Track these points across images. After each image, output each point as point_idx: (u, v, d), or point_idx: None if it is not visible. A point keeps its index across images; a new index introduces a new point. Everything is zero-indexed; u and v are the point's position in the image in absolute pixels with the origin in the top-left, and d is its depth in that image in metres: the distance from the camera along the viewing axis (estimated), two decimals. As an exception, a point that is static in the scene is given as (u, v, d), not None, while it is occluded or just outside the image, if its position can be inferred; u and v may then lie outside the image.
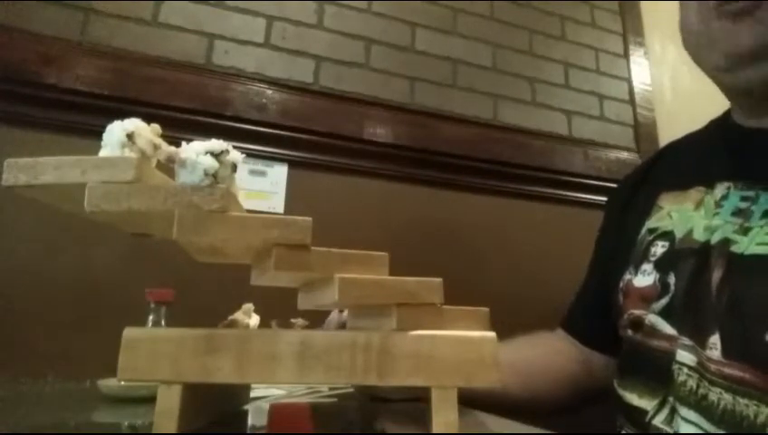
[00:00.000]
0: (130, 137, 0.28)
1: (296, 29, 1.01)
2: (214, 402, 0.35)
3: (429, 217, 1.03)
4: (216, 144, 0.29)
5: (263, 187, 0.91)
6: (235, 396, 0.42)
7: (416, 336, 0.30)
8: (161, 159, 0.30)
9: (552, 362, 0.60)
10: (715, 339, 0.39)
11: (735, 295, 0.39)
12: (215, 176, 0.29)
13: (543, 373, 0.59)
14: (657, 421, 0.43)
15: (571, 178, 1.15)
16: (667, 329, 0.45)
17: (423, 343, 0.30)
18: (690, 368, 0.41)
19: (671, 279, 0.46)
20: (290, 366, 0.29)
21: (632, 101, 1.29)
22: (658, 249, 0.48)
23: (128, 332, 0.29)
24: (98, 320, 0.72)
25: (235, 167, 0.30)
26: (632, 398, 0.47)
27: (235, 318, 0.43)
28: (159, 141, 0.29)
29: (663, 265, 0.47)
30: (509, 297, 0.91)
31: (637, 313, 0.48)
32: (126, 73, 0.84)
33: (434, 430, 0.29)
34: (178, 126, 0.83)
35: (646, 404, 0.45)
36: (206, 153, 0.29)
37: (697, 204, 0.47)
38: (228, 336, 0.29)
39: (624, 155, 1.22)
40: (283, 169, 0.93)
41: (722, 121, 0.53)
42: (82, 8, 0.86)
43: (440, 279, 0.32)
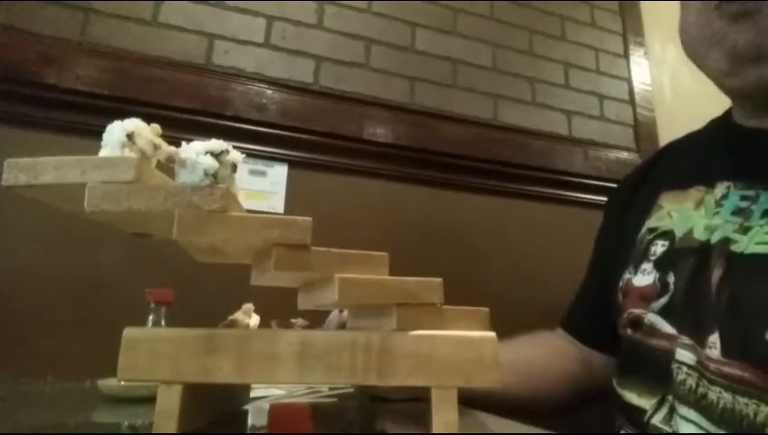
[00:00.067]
0: (130, 137, 0.28)
1: (296, 29, 1.01)
2: (214, 402, 0.35)
3: (429, 217, 1.03)
4: (216, 144, 0.29)
5: (263, 187, 0.91)
6: (235, 396, 0.42)
7: (416, 336, 0.30)
8: (161, 159, 0.30)
9: (552, 361, 0.60)
10: (714, 338, 0.39)
11: (735, 295, 0.39)
12: (215, 176, 0.29)
13: (543, 373, 0.59)
14: (656, 420, 0.43)
15: (571, 178, 1.15)
16: (667, 328, 0.45)
17: (423, 343, 0.30)
18: (690, 367, 0.41)
19: (671, 278, 0.46)
20: (290, 366, 0.29)
21: (632, 101, 1.29)
22: (658, 248, 0.48)
23: (128, 332, 0.29)
24: (98, 320, 0.72)
25: (235, 167, 0.30)
26: (631, 397, 0.47)
27: (235, 318, 0.43)
28: (159, 141, 0.29)
29: (663, 265, 0.47)
30: (509, 297, 0.91)
31: (636, 312, 0.48)
32: (126, 73, 0.84)
33: (434, 430, 0.29)
34: (178, 126, 0.83)
35: (645, 403, 0.45)
36: (206, 153, 0.29)
37: (697, 203, 0.47)
38: (228, 336, 0.29)
39: (624, 155, 1.22)
40: (283, 169, 0.93)
41: (722, 121, 0.53)
42: (82, 8, 0.86)
43: (440, 279, 0.32)
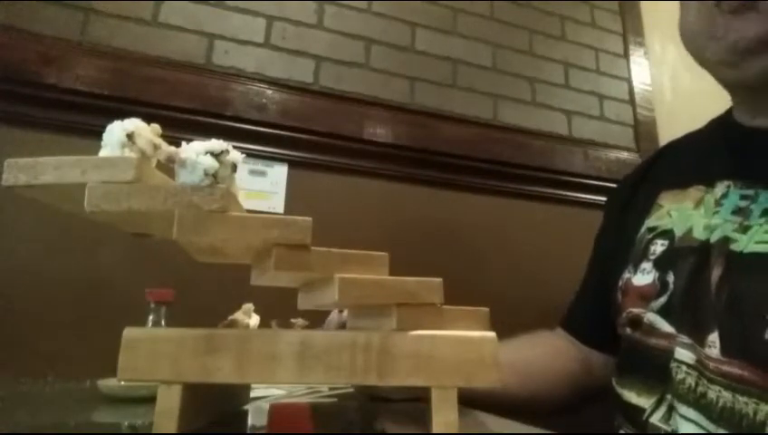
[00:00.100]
0: (130, 137, 0.28)
1: (296, 29, 1.01)
2: (214, 402, 0.35)
3: (429, 217, 1.03)
4: (216, 144, 0.29)
5: (263, 187, 0.91)
6: (235, 396, 0.42)
7: (416, 336, 0.30)
8: (161, 159, 0.30)
9: (552, 361, 0.60)
10: (713, 337, 0.39)
11: (735, 294, 0.39)
12: (215, 176, 0.29)
13: (543, 373, 0.59)
14: (655, 419, 0.43)
15: (571, 178, 1.15)
16: (666, 327, 0.45)
17: (423, 343, 0.30)
18: (689, 366, 0.41)
19: (670, 278, 0.46)
20: (290, 366, 0.29)
21: (632, 101, 1.29)
22: (658, 248, 0.48)
23: (128, 332, 0.29)
24: (98, 320, 0.72)
25: (235, 167, 0.30)
26: (630, 396, 0.47)
27: (235, 318, 0.43)
28: (159, 141, 0.29)
29: (662, 264, 0.47)
30: (509, 297, 0.91)
31: (635, 311, 0.48)
32: (126, 73, 0.84)
33: (434, 430, 0.29)
34: (178, 126, 0.83)
35: (644, 402, 0.45)
36: (206, 153, 0.29)
37: (697, 203, 0.47)
38: (228, 336, 0.29)
39: (624, 155, 1.22)
40: (283, 169, 0.93)
41: (723, 120, 0.53)
42: (82, 8, 0.86)
43: (440, 279, 0.32)
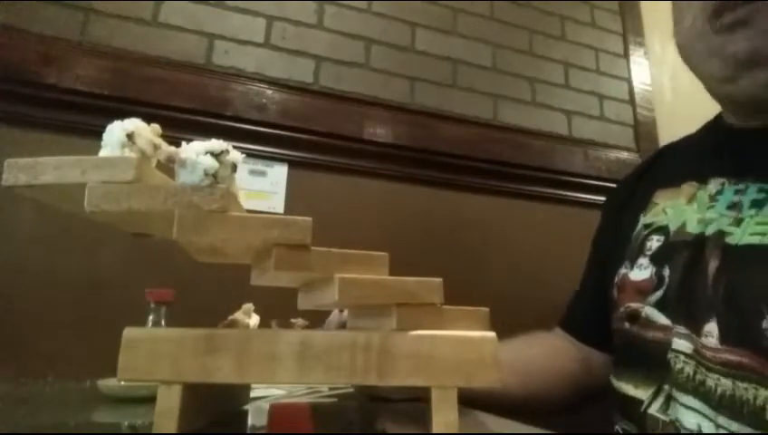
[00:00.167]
0: (130, 137, 0.28)
1: (296, 29, 1.01)
2: (214, 402, 0.35)
3: (429, 217, 1.03)
4: (216, 144, 0.29)
5: (263, 187, 0.91)
6: (235, 396, 0.42)
7: (416, 336, 0.30)
8: (161, 159, 0.30)
9: (551, 360, 0.60)
10: (710, 327, 0.40)
11: (732, 286, 0.40)
12: (215, 176, 0.29)
13: (543, 372, 0.59)
14: (653, 410, 0.44)
15: (571, 178, 1.15)
16: (662, 320, 0.45)
17: (423, 343, 0.30)
18: (687, 355, 0.42)
19: (666, 272, 0.47)
20: (290, 366, 0.29)
21: (632, 101, 1.29)
22: (654, 243, 0.49)
23: (128, 332, 0.29)
24: (98, 320, 0.72)
25: (235, 167, 0.30)
26: (628, 388, 0.47)
27: (235, 318, 0.43)
28: (159, 141, 0.29)
29: (658, 259, 0.48)
30: (509, 297, 0.91)
31: (634, 306, 0.49)
32: (126, 73, 0.84)
33: (434, 430, 0.29)
34: (178, 126, 0.83)
35: (641, 394, 0.45)
36: (206, 153, 0.29)
37: (690, 198, 0.48)
38: (228, 336, 0.29)
39: (624, 155, 1.22)
40: (283, 169, 0.93)
41: (713, 124, 0.55)
42: (82, 8, 0.86)
43: (440, 279, 0.32)
